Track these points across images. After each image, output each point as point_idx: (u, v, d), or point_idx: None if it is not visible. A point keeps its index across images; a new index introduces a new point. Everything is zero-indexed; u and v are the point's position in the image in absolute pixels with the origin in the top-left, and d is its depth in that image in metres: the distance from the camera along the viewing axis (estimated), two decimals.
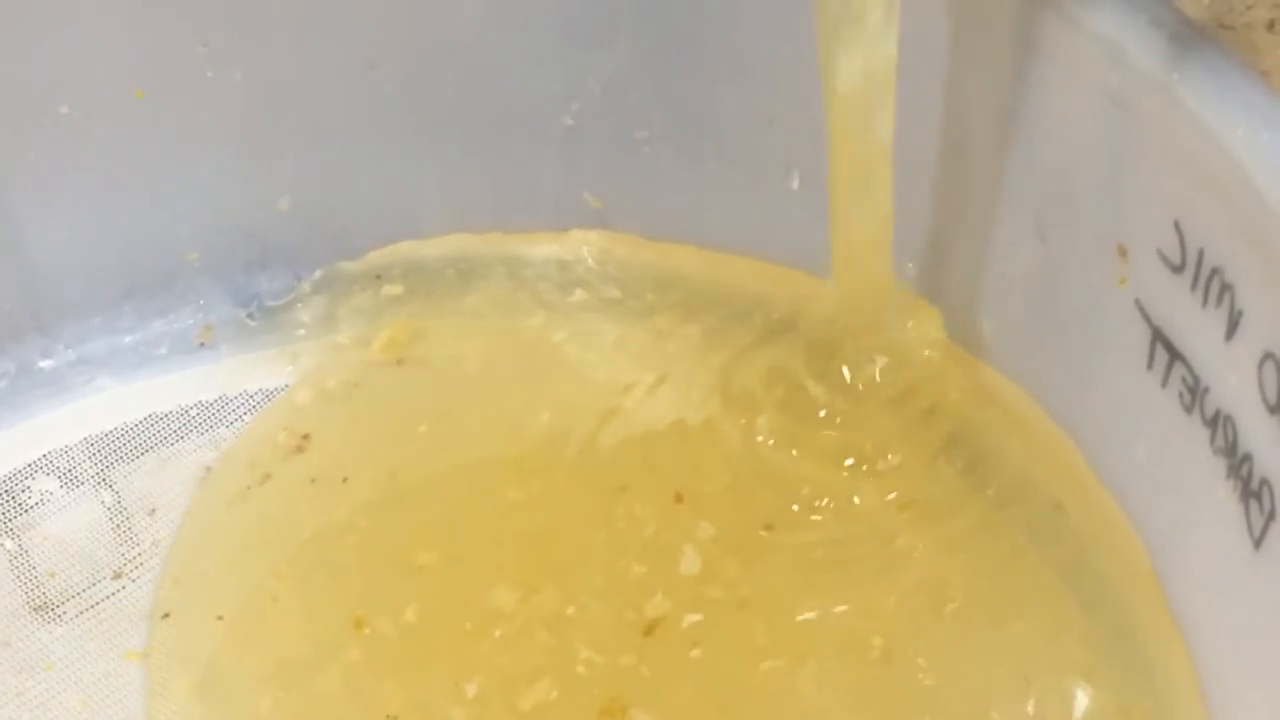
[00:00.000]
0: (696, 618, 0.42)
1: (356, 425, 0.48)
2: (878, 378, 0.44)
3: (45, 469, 0.47)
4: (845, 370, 0.44)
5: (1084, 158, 0.38)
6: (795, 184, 0.46)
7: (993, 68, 0.39)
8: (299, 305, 0.50)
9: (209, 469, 0.47)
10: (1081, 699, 0.39)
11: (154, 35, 0.45)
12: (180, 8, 0.45)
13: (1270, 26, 0.46)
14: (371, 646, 0.42)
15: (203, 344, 0.49)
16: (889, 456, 0.44)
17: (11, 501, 0.46)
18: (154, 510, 0.46)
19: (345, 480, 0.46)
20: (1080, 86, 0.37)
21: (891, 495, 0.44)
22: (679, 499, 0.45)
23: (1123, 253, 0.37)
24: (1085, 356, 0.40)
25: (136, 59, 0.46)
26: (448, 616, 0.43)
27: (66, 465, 0.47)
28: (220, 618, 0.43)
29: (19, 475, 0.47)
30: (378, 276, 0.50)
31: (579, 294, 0.50)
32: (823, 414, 0.45)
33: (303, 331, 0.50)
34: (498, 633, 0.42)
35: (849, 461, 0.44)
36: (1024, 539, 0.42)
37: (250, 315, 0.50)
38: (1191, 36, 0.35)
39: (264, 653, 0.42)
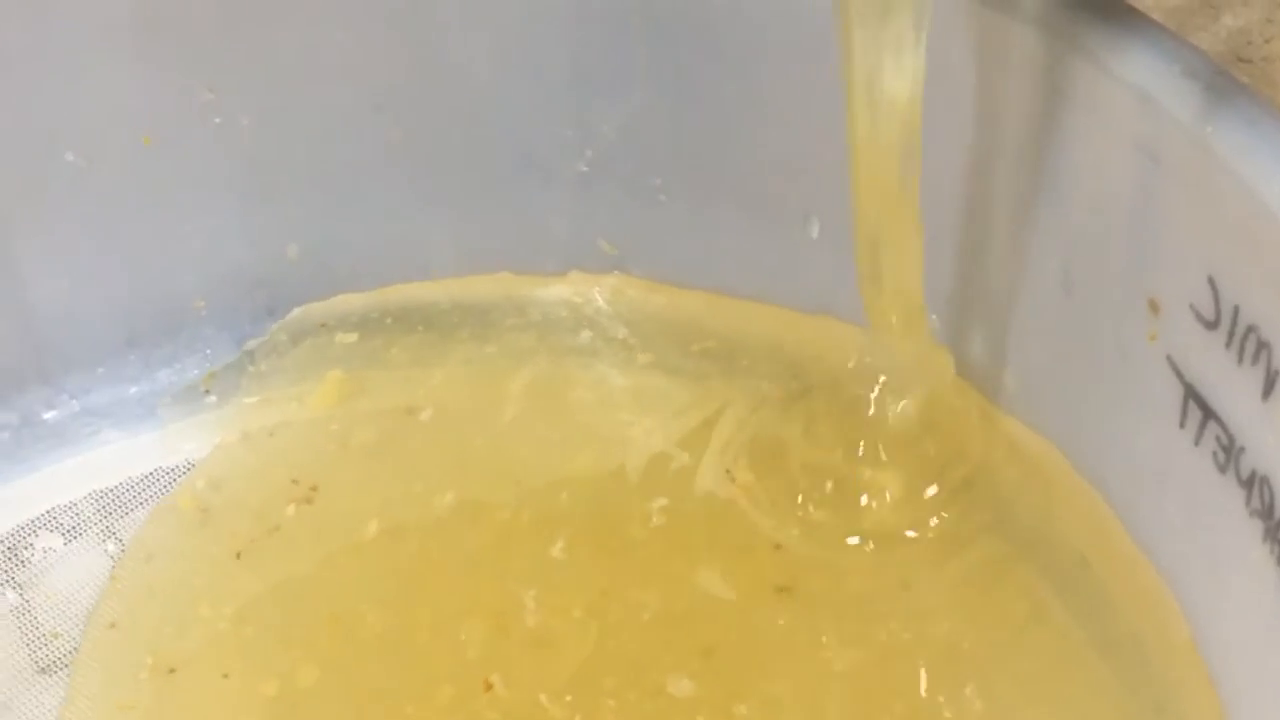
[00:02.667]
0: (706, 689, 0.41)
1: (366, 477, 0.47)
2: (899, 429, 0.43)
3: (49, 525, 0.46)
4: (866, 422, 0.43)
5: (1113, 209, 0.37)
6: (815, 232, 0.45)
7: (1020, 115, 0.38)
8: (313, 350, 0.49)
9: (219, 514, 0.46)
10: None
11: (160, 81, 0.45)
12: (187, 53, 0.45)
13: None
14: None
15: (207, 391, 0.48)
16: (909, 512, 0.43)
17: (14, 558, 0.45)
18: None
19: (372, 527, 0.45)
20: (1110, 136, 0.36)
21: (909, 553, 0.43)
22: (691, 557, 0.44)
23: (1154, 307, 0.36)
24: (1113, 412, 0.39)
25: (143, 105, 0.45)
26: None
27: (71, 521, 0.46)
28: (226, 676, 0.42)
29: (22, 531, 0.46)
30: (392, 321, 0.49)
31: (589, 339, 0.49)
32: (842, 467, 0.44)
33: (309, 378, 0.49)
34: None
35: (868, 519, 0.43)
36: (1048, 594, 0.42)
37: (255, 363, 0.49)
38: (1226, 86, 0.34)
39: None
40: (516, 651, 0.42)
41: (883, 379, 0.43)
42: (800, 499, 0.44)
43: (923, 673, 0.41)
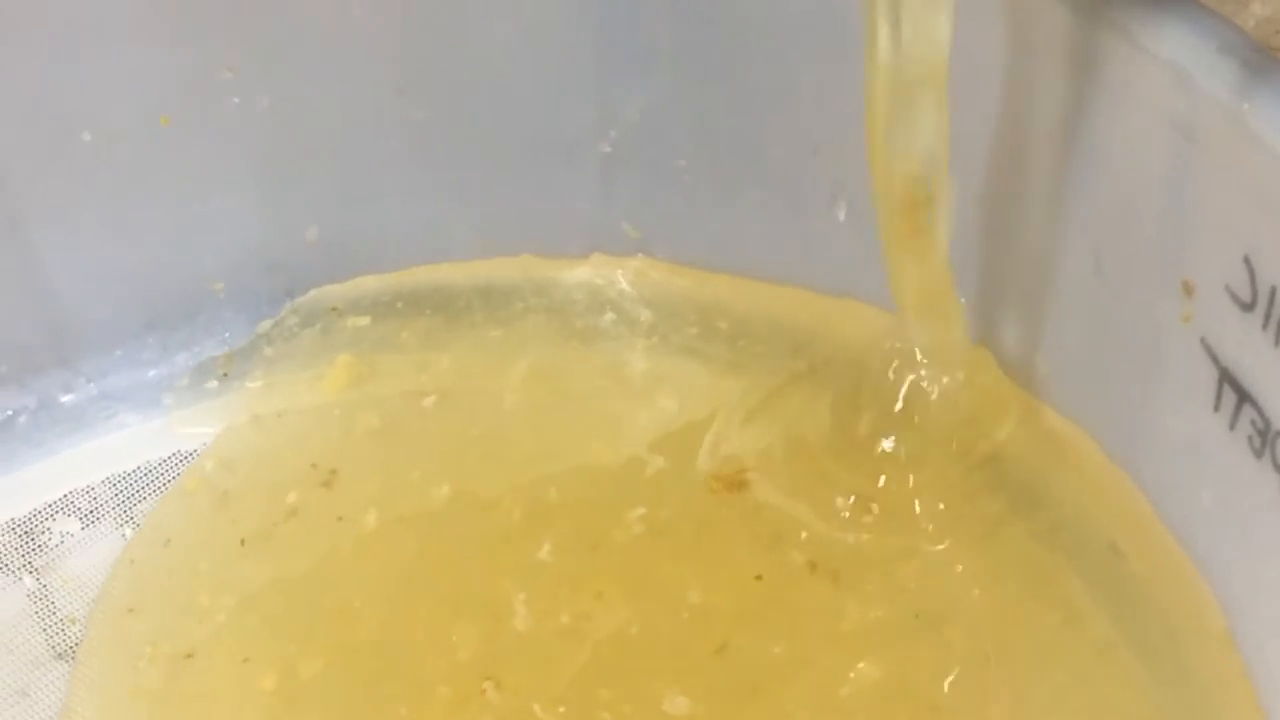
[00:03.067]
0: (733, 674, 0.41)
1: (385, 461, 0.46)
2: (927, 414, 0.42)
3: (66, 509, 0.46)
4: (892, 408, 0.43)
5: (1147, 189, 0.36)
6: (841, 215, 0.44)
7: (1050, 94, 0.38)
8: (324, 334, 0.49)
9: (228, 500, 0.46)
10: None
11: (179, 60, 0.44)
12: (206, 32, 0.44)
13: None
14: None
15: (225, 374, 0.48)
16: (937, 499, 0.43)
17: (31, 543, 0.45)
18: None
19: (371, 518, 0.45)
20: (1144, 114, 0.36)
21: (940, 541, 0.42)
22: (714, 543, 0.43)
23: (1188, 289, 0.36)
24: (1146, 396, 0.39)
25: (161, 84, 0.44)
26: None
27: (88, 505, 0.46)
28: (246, 660, 0.42)
29: (39, 515, 0.46)
30: (404, 304, 0.49)
31: (611, 322, 0.48)
32: (868, 453, 0.43)
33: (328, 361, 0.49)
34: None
35: (892, 504, 0.43)
36: (1078, 583, 0.41)
37: (273, 345, 0.48)
38: (1263, 63, 0.33)
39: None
40: (513, 652, 0.41)
41: (911, 361, 0.42)
42: (824, 485, 0.43)
43: (946, 663, 0.40)
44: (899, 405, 0.43)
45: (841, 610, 0.41)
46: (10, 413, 0.47)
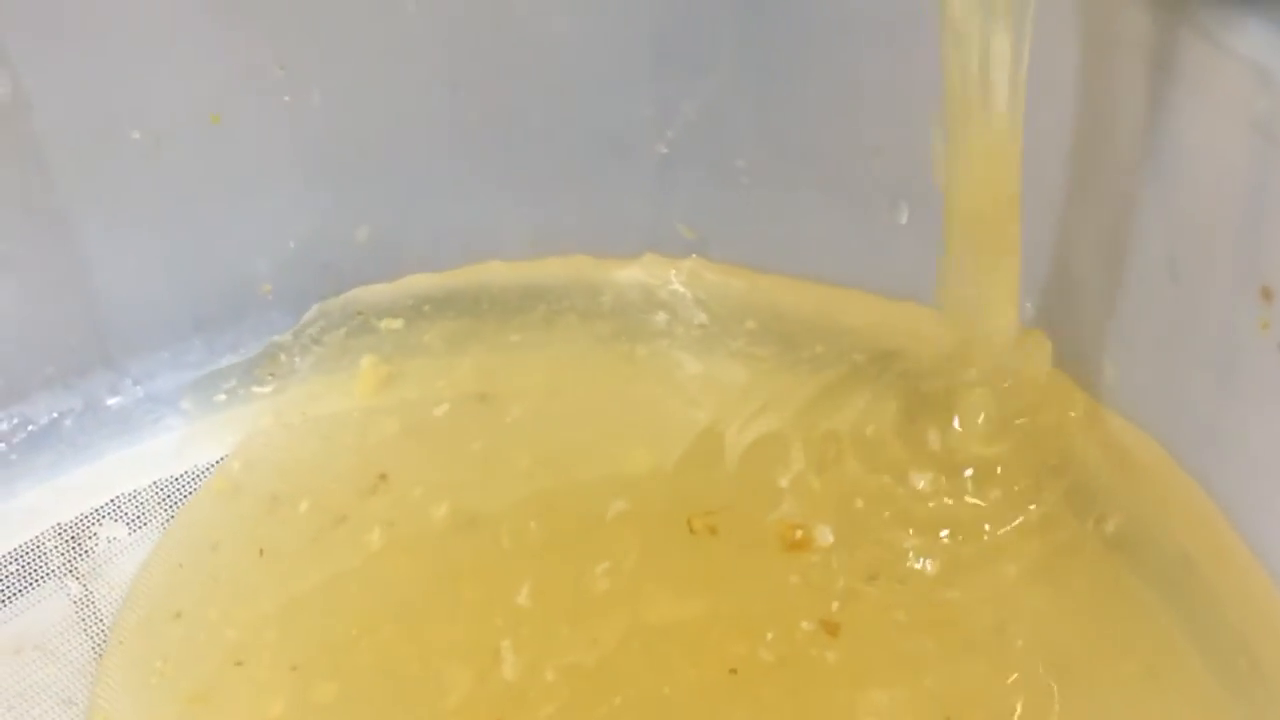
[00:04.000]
0: (786, 675, 0.40)
1: (435, 464, 0.46)
2: (990, 420, 0.42)
3: (113, 514, 0.45)
4: (954, 413, 0.42)
5: (1224, 191, 0.36)
6: (904, 218, 0.44)
7: (1127, 94, 0.37)
8: (370, 334, 0.48)
9: (276, 504, 0.45)
10: None
11: (229, 57, 0.44)
12: (257, 28, 0.43)
13: None
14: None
15: (272, 375, 0.47)
16: (1000, 505, 0.42)
17: (78, 548, 0.44)
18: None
19: (422, 524, 0.44)
20: (1222, 114, 0.35)
21: (1003, 549, 0.41)
22: (774, 545, 0.42)
23: (1266, 295, 0.35)
24: (1220, 404, 0.38)
25: (211, 82, 0.44)
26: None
27: (135, 510, 0.45)
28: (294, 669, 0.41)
29: (86, 521, 0.45)
30: (451, 305, 0.48)
31: (664, 322, 0.48)
32: (929, 459, 0.42)
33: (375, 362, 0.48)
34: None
35: (953, 510, 0.42)
36: (1149, 594, 0.40)
37: (321, 344, 0.48)
38: None
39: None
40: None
41: (971, 366, 0.42)
42: (885, 488, 0.43)
43: (1012, 672, 0.39)
44: (963, 412, 0.42)
45: (891, 611, 0.41)
46: (56, 415, 0.46)
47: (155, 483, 0.46)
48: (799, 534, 0.42)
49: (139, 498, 0.45)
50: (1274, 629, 0.37)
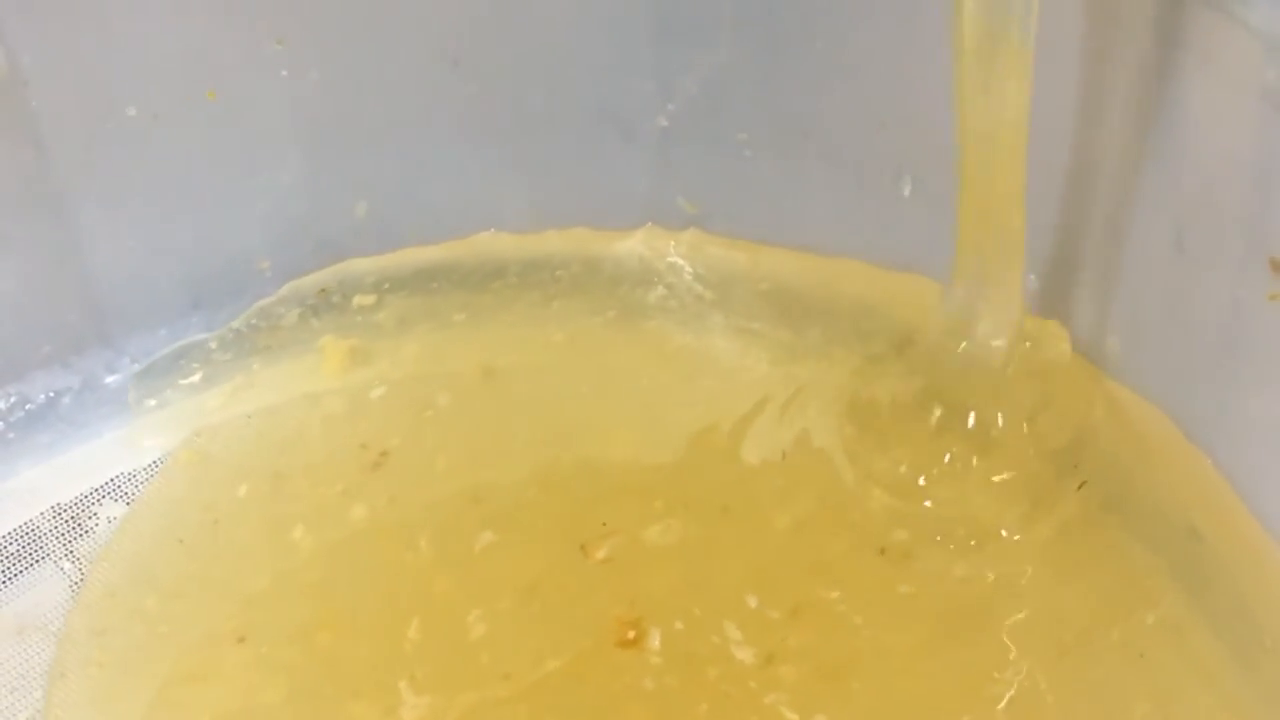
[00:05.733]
0: (808, 654, 0.40)
1: (438, 442, 0.45)
2: (992, 391, 0.42)
3: (112, 494, 0.45)
4: (961, 388, 0.42)
5: (1232, 162, 0.36)
6: (907, 190, 0.44)
7: (1133, 64, 0.37)
8: (375, 309, 0.48)
9: (278, 481, 0.45)
10: None
11: (226, 33, 0.43)
12: (254, 4, 0.43)
13: None
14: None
15: (268, 347, 0.47)
16: (1005, 479, 0.42)
17: (77, 528, 0.44)
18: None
19: (424, 501, 0.44)
20: (1230, 85, 0.35)
21: (1009, 521, 0.41)
22: (781, 529, 0.42)
23: (1275, 266, 0.35)
24: (1228, 375, 0.38)
25: (207, 58, 0.44)
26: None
27: (134, 489, 0.45)
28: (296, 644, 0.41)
29: (85, 501, 0.45)
30: (454, 279, 0.48)
31: (662, 296, 0.48)
32: (933, 432, 0.42)
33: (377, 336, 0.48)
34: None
35: (958, 483, 0.42)
36: (1156, 567, 0.40)
37: (319, 319, 0.48)
38: None
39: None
40: None
41: (975, 336, 0.41)
42: (888, 464, 0.42)
43: (1019, 647, 0.39)
44: (965, 383, 0.42)
45: (909, 592, 0.41)
46: (53, 394, 0.46)
47: (154, 462, 0.45)
48: None
49: (137, 477, 0.45)
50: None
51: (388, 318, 0.48)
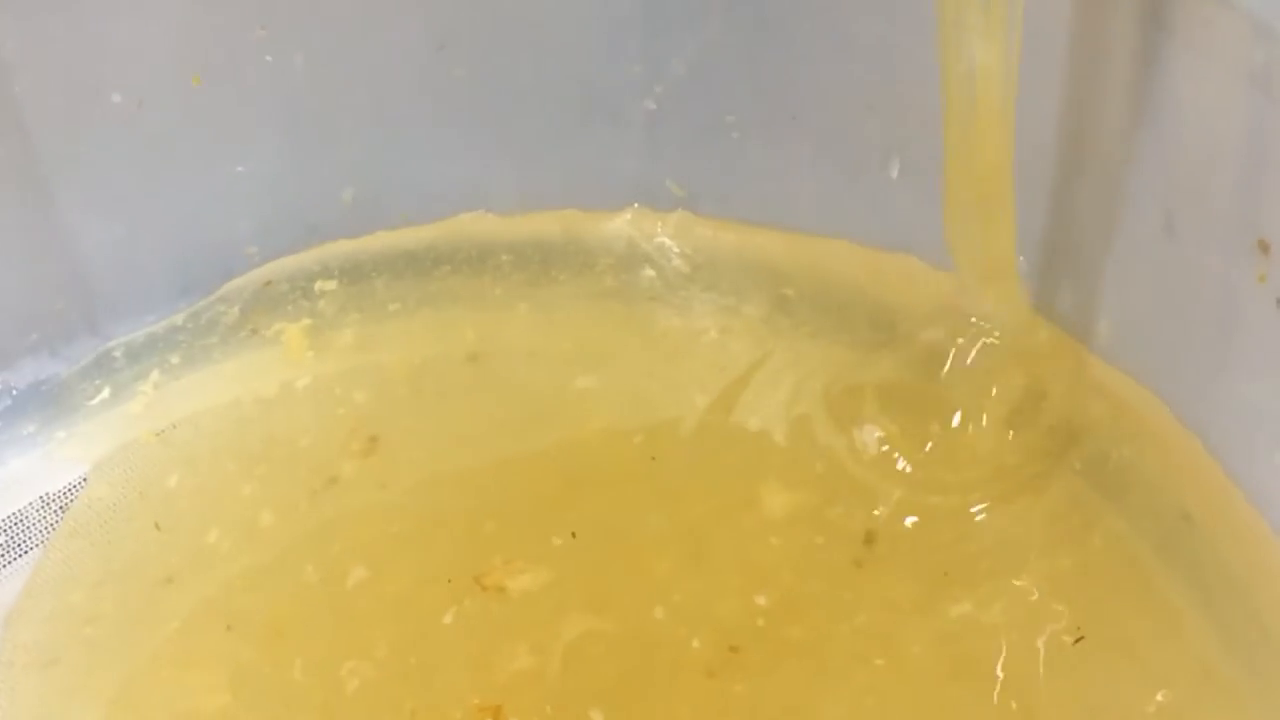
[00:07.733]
0: (789, 638, 0.40)
1: (428, 431, 0.45)
2: (983, 372, 0.42)
3: (99, 482, 0.45)
4: (952, 369, 0.42)
5: (1221, 145, 0.36)
6: (895, 172, 0.43)
7: (1121, 47, 0.37)
8: (361, 292, 0.48)
9: (270, 467, 0.45)
10: None
11: (210, 18, 0.43)
12: None
13: None
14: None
15: (254, 330, 0.47)
16: (995, 462, 0.42)
17: (63, 513, 0.44)
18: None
19: (412, 485, 0.44)
20: (1219, 68, 0.35)
21: (999, 505, 0.41)
22: (769, 509, 0.42)
23: (1264, 248, 0.35)
24: (1218, 358, 0.38)
25: (192, 43, 0.43)
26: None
27: (120, 477, 0.45)
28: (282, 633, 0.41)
29: (73, 488, 0.44)
30: (440, 262, 0.48)
31: (650, 279, 0.47)
32: (920, 414, 0.42)
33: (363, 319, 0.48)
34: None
35: (950, 466, 0.42)
36: (1147, 551, 0.40)
37: (308, 300, 0.48)
38: None
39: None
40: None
41: (966, 319, 0.42)
42: (880, 446, 0.42)
43: (1008, 629, 0.39)
44: (954, 365, 0.42)
45: (892, 574, 0.41)
46: (40, 381, 0.46)
47: (140, 449, 0.45)
48: None
49: (124, 464, 0.45)
50: (1275, 584, 0.37)
51: (374, 301, 0.48)
